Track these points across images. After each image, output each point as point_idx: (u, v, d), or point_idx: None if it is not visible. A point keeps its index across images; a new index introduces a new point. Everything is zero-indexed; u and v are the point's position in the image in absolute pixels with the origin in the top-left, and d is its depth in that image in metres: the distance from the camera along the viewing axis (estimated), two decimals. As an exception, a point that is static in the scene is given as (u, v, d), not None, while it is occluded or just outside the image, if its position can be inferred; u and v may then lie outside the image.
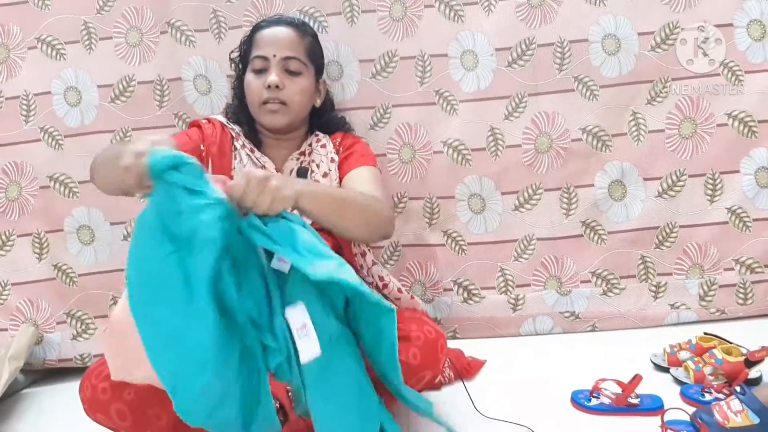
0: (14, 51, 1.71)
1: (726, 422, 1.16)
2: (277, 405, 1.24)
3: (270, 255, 1.00)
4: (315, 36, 1.54)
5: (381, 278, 1.45)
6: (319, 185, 1.32)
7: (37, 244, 1.75)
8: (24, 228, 1.76)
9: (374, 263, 1.47)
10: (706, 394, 1.31)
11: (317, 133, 1.53)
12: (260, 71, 1.43)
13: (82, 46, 1.71)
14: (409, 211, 1.75)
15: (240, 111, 1.52)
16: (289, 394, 1.24)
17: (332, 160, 1.47)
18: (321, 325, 1.00)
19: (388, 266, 1.77)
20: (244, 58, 1.50)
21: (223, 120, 1.50)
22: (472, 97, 1.71)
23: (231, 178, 1.39)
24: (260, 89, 1.42)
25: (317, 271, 0.95)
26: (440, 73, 1.70)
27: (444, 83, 1.71)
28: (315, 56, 1.51)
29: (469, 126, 1.72)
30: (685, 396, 1.32)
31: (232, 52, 1.56)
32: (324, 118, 1.56)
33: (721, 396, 1.28)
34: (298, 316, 0.98)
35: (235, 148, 1.46)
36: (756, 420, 1.14)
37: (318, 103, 1.53)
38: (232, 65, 1.57)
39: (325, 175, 1.44)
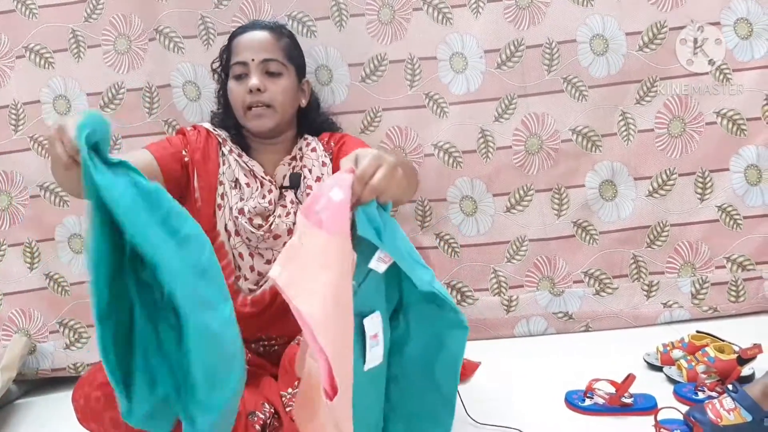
0: (2, 60, 1.71)
1: (719, 420, 1.16)
2: (272, 411, 1.24)
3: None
4: (292, 37, 1.53)
5: None
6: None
7: (28, 254, 1.75)
8: (15, 237, 1.75)
9: None
10: (699, 393, 1.31)
11: (306, 136, 1.52)
12: (241, 77, 1.43)
13: (70, 54, 1.70)
14: (401, 215, 1.75)
15: (226, 119, 1.51)
16: (283, 399, 1.24)
17: (324, 164, 1.46)
18: (385, 333, 0.97)
19: (380, 270, 1.77)
20: (225, 66, 1.49)
21: (209, 127, 1.49)
22: (462, 100, 1.71)
23: (219, 183, 1.40)
24: (243, 94, 1.42)
25: (423, 280, 0.92)
26: (430, 75, 1.70)
27: (433, 86, 1.71)
28: (294, 56, 1.49)
29: (459, 128, 1.72)
30: (679, 395, 1.33)
31: (213, 62, 1.56)
32: (311, 119, 1.55)
33: (714, 394, 1.29)
34: (374, 326, 0.94)
35: (223, 153, 1.45)
36: (749, 417, 1.15)
37: (303, 103, 1.51)
38: (215, 75, 1.56)
39: (317, 179, 1.44)
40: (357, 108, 1.72)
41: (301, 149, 1.49)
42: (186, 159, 1.40)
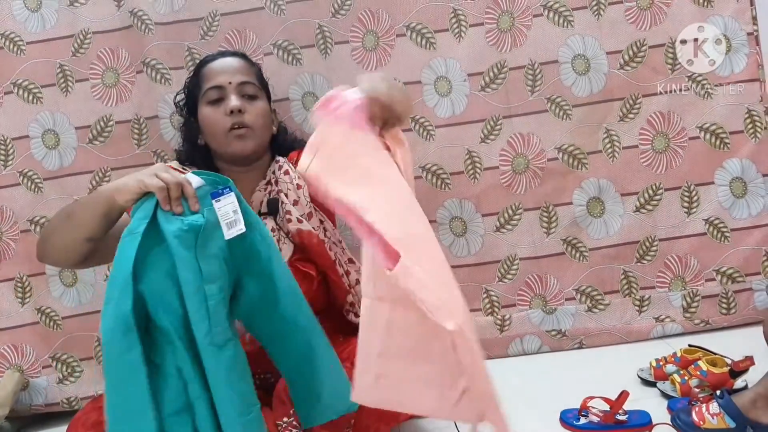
0: (-10, 96, 1.72)
1: (701, 423, 1.18)
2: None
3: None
4: (259, 66, 1.55)
5: None
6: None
7: (19, 289, 1.74)
8: (6, 273, 1.74)
9: (358, 282, 1.45)
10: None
11: (278, 158, 1.49)
12: (217, 101, 1.41)
13: (58, 88, 1.72)
14: (391, 237, 1.76)
15: (194, 153, 1.50)
16: (279, 428, 1.23)
17: (299, 186, 1.43)
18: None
19: (373, 293, 1.77)
20: (192, 96, 1.47)
21: (176, 165, 1.47)
22: (448, 122, 1.73)
23: None
24: (222, 118, 1.40)
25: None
26: (415, 99, 1.72)
27: (419, 110, 1.73)
28: (264, 83, 1.51)
29: (446, 150, 1.74)
30: (673, 410, 1.33)
31: (177, 95, 1.55)
32: (280, 142, 1.53)
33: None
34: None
35: None
36: (732, 424, 1.16)
37: (274, 130, 1.51)
38: (177, 109, 1.55)
39: (295, 203, 1.41)
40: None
41: (274, 173, 1.46)
42: None
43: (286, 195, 1.41)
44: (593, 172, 1.74)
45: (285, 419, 1.24)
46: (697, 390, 1.36)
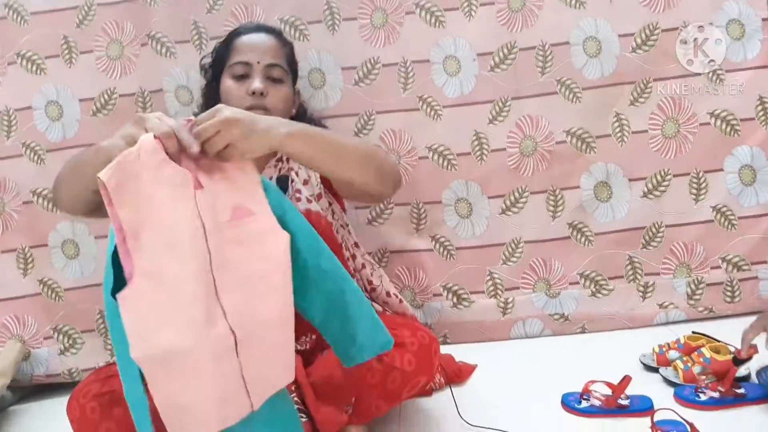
0: (-6, 66, 1.70)
1: None
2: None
3: None
4: (292, 45, 1.52)
5: (369, 282, 1.45)
6: (310, 127, 1.15)
7: (21, 260, 1.74)
8: (8, 244, 1.74)
9: (363, 266, 1.46)
10: (701, 395, 1.30)
11: None
12: (242, 77, 1.39)
13: (62, 60, 1.70)
14: (396, 217, 1.75)
15: None
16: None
17: None
18: None
19: (376, 273, 1.76)
20: (219, 64, 1.45)
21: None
22: (456, 102, 1.71)
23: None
24: (243, 95, 1.37)
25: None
26: (423, 78, 1.70)
27: (427, 89, 1.71)
28: (293, 65, 1.49)
29: (453, 131, 1.72)
30: (679, 397, 1.32)
31: (204, 58, 1.54)
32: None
33: (715, 395, 1.28)
34: None
35: None
36: None
37: (293, 112, 1.48)
38: (202, 72, 1.53)
39: (305, 182, 1.41)
40: (350, 111, 1.71)
41: None
42: None
43: (296, 173, 1.40)
44: (601, 156, 1.72)
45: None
46: (703, 377, 1.35)
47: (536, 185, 1.74)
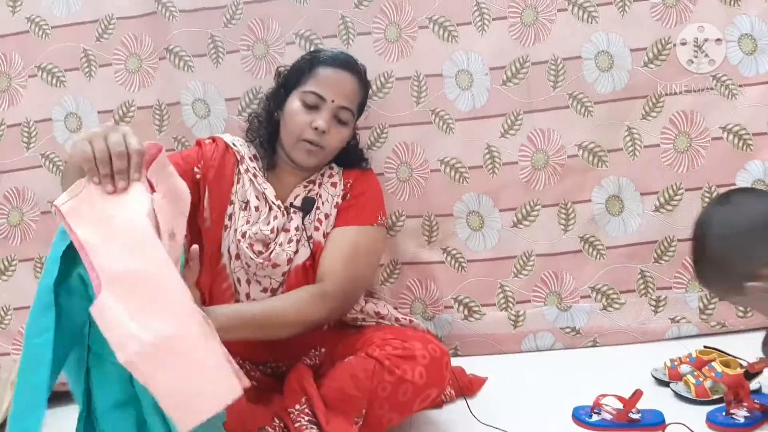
0: (15, 79, 1.74)
1: None
2: (281, 425, 1.24)
3: None
4: (369, 86, 1.55)
5: (377, 313, 1.45)
6: (230, 314, 1.19)
7: (39, 269, 1.76)
8: (26, 253, 1.77)
9: (367, 302, 1.46)
10: (734, 417, 1.27)
11: (332, 166, 1.49)
12: (311, 107, 1.39)
13: (82, 73, 1.73)
14: (407, 230, 1.76)
15: (267, 125, 1.46)
16: (291, 415, 1.24)
17: (335, 205, 1.44)
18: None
19: (388, 284, 1.77)
20: (295, 79, 1.44)
21: (229, 140, 1.46)
22: (468, 116, 1.73)
23: (230, 203, 1.40)
24: (305, 125, 1.38)
25: None
26: (436, 92, 1.72)
27: (439, 102, 1.73)
28: (362, 108, 1.52)
29: (465, 144, 1.73)
30: (714, 423, 1.28)
31: (280, 67, 1.53)
32: (345, 154, 1.50)
33: (748, 414, 1.26)
34: None
35: (239, 172, 1.42)
36: None
37: (344, 145, 1.48)
38: (276, 77, 1.51)
39: (326, 216, 1.42)
40: (364, 124, 1.73)
41: (322, 175, 1.47)
42: (198, 176, 1.38)
43: (323, 203, 1.43)
44: (613, 170, 1.73)
45: (297, 406, 1.25)
46: (736, 404, 1.32)
47: (548, 199, 1.75)
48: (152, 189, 0.96)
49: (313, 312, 1.29)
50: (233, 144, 1.45)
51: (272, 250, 1.37)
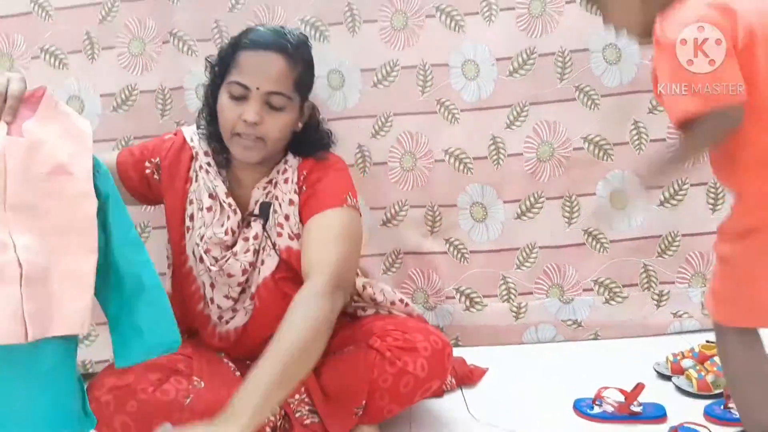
0: (18, 61, 1.72)
1: None
2: (282, 413, 1.24)
3: None
4: (308, 61, 1.33)
5: (373, 299, 1.42)
6: (256, 397, 1.00)
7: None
8: None
9: (365, 288, 1.42)
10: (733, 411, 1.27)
11: (287, 158, 1.35)
12: (238, 98, 1.25)
13: (84, 55, 1.72)
14: (410, 220, 1.75)
15: (211, 122, 1.33)
16: (291, 405, 1.24)
17: (291, 203, 1.31)
18: None
19: (390, 273, 1.77)
20: (222, 71, 1.30)
21: (188, 135, 1.37)
22: (474, 107, 1.72)
23: (189, 202, 1.33)
24: (236, 119, 1.24)
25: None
26: (441, 82, 1.71)
27: (445, 92, 1.71)
28: (304, 86, 1.32)
29: (470, 135, 1.72)
30: (711, 416, 1.29)
31: (209, 57, 1.39)
32: (303, 138, 1.36)
33: None
34: None
35: (194, 169, 1.34)
36: None
37: (299, 127, 1.34)
38: (206, 69, 1.39)
39: (286, 218, 1.31)
40: (368, 113, 1.72)
41: (279, 172, 1.34)
42: (147, 171, 1.34)
43: (280, 206, 1.32)
44: (619, 163, 1.72)
45: (297, 396, 1.25)
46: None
47: (552, 191, 1.74)
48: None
49: (321, 313, 1.12)
50: (191, 139, 1.37)
51: (226, 258, 1.29)
